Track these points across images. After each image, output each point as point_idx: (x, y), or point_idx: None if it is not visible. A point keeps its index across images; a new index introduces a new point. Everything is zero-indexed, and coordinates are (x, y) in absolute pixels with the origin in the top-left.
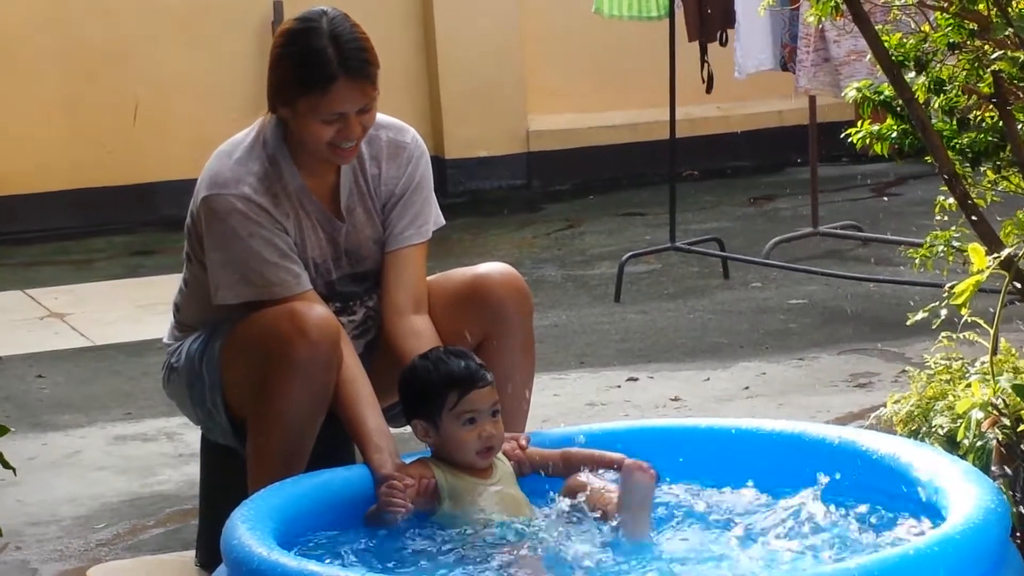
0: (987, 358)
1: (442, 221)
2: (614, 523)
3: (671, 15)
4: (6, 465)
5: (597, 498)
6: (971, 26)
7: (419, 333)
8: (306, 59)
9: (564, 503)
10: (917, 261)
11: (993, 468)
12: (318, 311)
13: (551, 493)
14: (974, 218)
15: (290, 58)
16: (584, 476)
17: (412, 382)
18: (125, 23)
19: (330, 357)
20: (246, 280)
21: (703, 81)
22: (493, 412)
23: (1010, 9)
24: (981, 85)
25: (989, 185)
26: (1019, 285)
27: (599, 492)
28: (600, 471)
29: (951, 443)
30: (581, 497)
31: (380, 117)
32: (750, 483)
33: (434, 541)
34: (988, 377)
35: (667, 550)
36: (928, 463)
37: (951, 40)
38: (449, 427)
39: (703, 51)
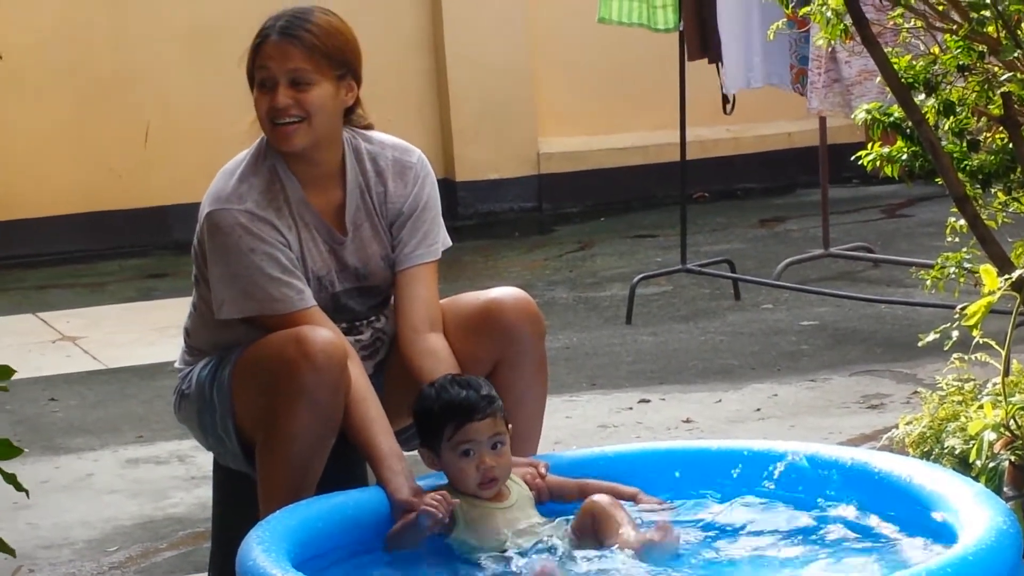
0: (999, 379)
1: (449, 243)
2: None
3: (680, 33)
4: (18, 487)
5: (621, 540)
6: (980, 48)
7: (435, 352)
8: (261, 29)
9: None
10: (928, 282)
11: (1006, 489)
12: (323, 334)
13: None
14: (985, 239)
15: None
16: (600, 499)
17: (417, 410)
18: (135, 47)
19: (337, 381)
20: (248, 295)
21: (724, 102)
22: (493, 444)
23: (1019, 31)
24: (991, 107)
25: (1000, 207)
26: None
27: (621, 535)
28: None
29: (963, 464)
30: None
31: (385, 137)
32: (762, 504)
33: (449, 565)
34: (1000, 398)
35: (674, 568)
36: (940, 484)
37: (961, 62)
38: (448, 457)
39: (718, 71)
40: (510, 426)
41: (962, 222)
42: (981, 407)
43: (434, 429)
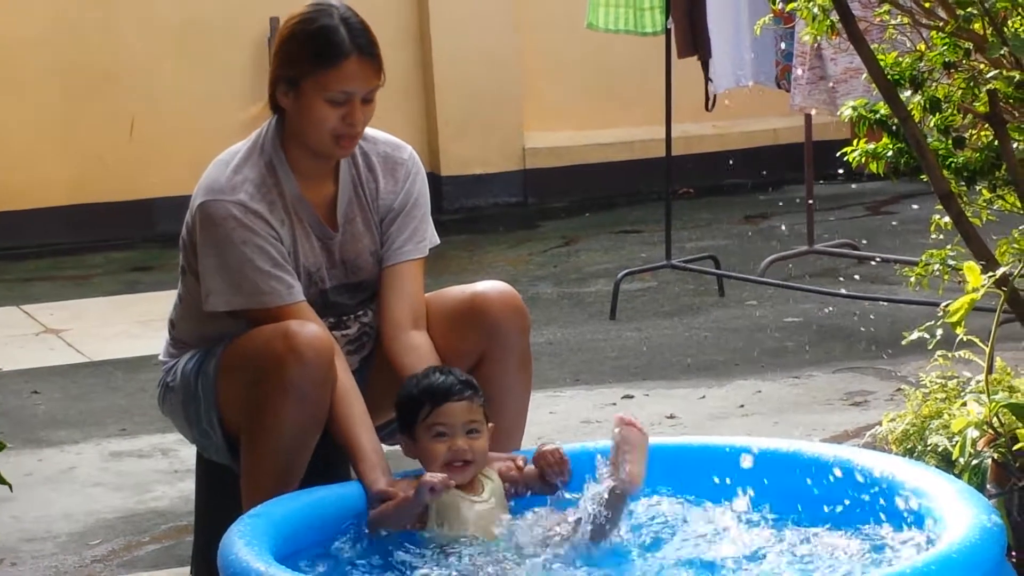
0: (982, 377)
1: (437, 240)
2: (610, 481)
3: (667, 32)
4: (1, 481)
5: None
6: (967, 45)
7: (418, 348)
8: (319, 35)
9: (550, 518)
10: (913, 279)
11: (988, 487)
12: (311, 330)
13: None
14: (969, 237)
15: (302, 35)
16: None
17: (398, 398)
18: (123, 40)
19: (324, 376)
20: (237, 287)
21: (706, 98)
22: (469, 430)
23: (1005, 29)
24: (977, 104)
25: (984, 204)
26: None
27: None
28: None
29: (946, 462)
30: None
31: (377, 133)
32: (743, 501)
33: (422, 559)
34: (983, 396)
35: (649, 563)
36: (923, 482)
37: (947, 59)
38: (422, 438)
39: (705, 68)
40: (491, 425)
41: (947, 219)
42: (964, 404)
43: (412, 412)
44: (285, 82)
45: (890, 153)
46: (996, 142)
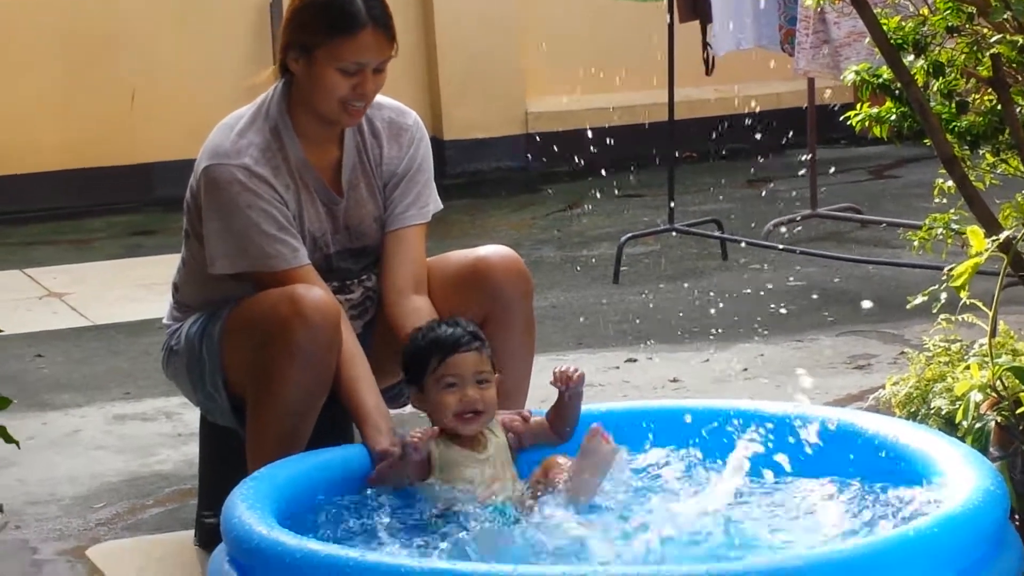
0: (986, 340)
1: (440, 206)
2: (562, 486)
3: None
4: (8, 439)
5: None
6: (970, 9)
7: (419, 311)
8: (335, 5)
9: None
10: (916, 243)
11: (992, 450)
12: (317, 293)
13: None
14: (972, 201)
15: (318, 3)
16: (561, 458)
17: (405, 351)
18: (123, 6)
19: (330, 339)
20: (242, 251)
21: (704, 63)
22: (479, 380)
23: None
24: (980, 68)
25: (988, 168)
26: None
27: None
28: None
29: (950, 425)
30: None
31: (382, 98)
32: (747, 463)
33: (422, 521)
34: (987, 359)
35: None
36: (927, 445)
37: (950, 23)
38: (431, 390)
39: (704, 33)
40: (498, 376)
41: (950, 183)
42: (968, 368)
43: (421, 364)
44: (297, 48)
45: (893, 117)
46: (999, 106)
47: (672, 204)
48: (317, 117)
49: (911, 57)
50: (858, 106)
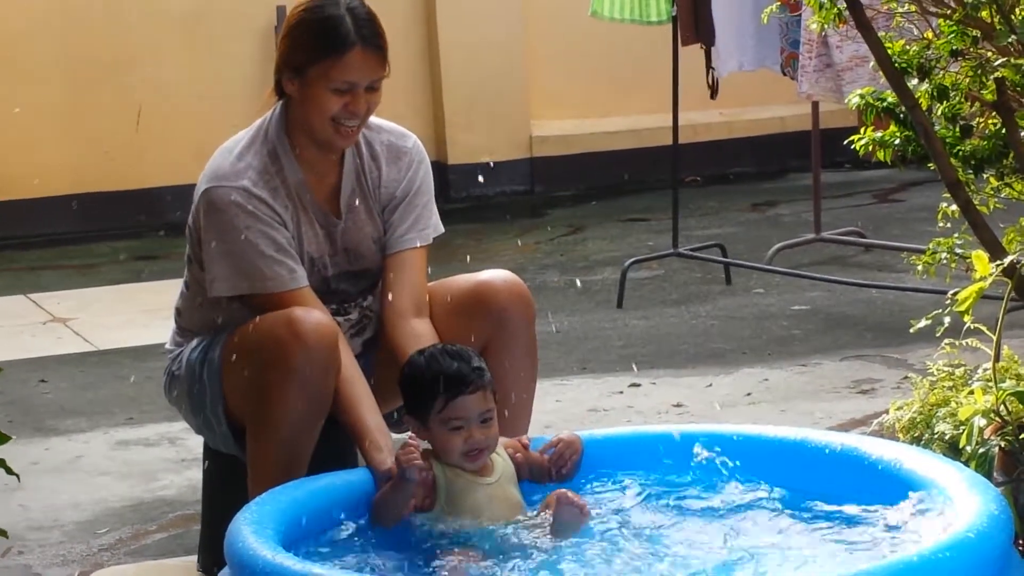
0: (990, 365)
1: (441, 229)
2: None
3: (673, 20)
4: (9, 471)
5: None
6: (974, 33)
7: (420, 336)
8: (324, 24)
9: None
10: (920, 268)
11: (996, 475)
12: (315, 316)
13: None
14: (977, 225)
15: (307, 23)
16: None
17: (405, 378)
18: (128, 29)
19: (328, 362)
20: (241, 272)
21: (708, 86)
22: (483, 419)
23: (1013, 16)
24: (984, 92)
25: (992, 192)
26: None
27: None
28: None
29: (954, 450)
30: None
31: (382, 122)
32: (751, 489)
33: (431, 545)
34: (991, 384)
35: (654, 550)
36: (931, 470)
37: (954, 47)
38: (436, 429)
39: (708, 56)
40: (496, 396)
41: (954, 207)
42: (972, 393)
43: (423, 400)
44: (291, 69)
45: (897, 141)
46: (1003, 130)
47: (676, 228)
48: (314, 139)
49: (915, 81)
50: (862, 130)
